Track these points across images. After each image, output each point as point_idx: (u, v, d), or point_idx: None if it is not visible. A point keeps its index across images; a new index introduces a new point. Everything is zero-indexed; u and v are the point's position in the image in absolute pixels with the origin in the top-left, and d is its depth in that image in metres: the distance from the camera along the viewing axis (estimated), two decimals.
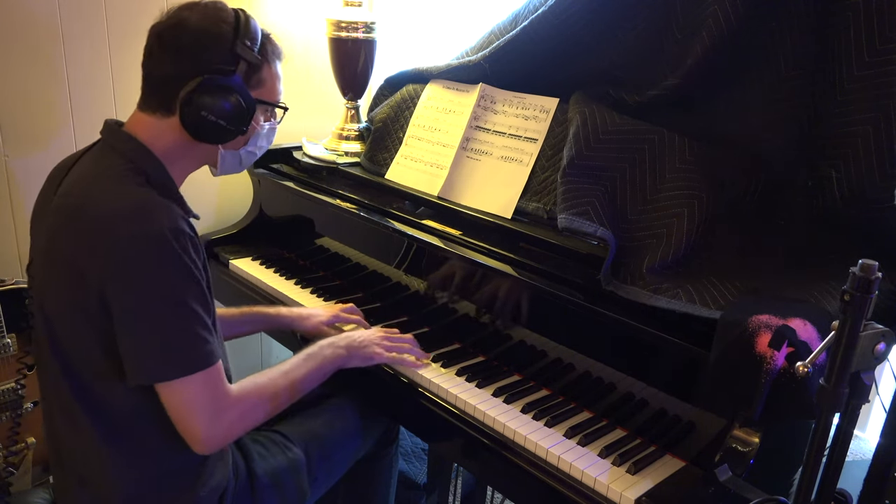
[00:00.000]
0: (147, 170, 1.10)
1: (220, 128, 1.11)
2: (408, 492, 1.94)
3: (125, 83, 1.96)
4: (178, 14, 1.10)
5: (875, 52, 1.18)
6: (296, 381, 1.24)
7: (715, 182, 1.31)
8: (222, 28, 1.10)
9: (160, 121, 1.12)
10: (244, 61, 1.12)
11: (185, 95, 1.08)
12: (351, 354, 1.34)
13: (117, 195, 1.05)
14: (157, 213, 1.03)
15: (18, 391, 1.49)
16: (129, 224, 1.01)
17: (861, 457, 1.49)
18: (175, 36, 1.09)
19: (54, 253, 1.08)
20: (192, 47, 1.09)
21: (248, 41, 1.11)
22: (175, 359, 1.03)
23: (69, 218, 1.06)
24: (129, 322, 1.02)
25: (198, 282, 1.05)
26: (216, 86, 1.09)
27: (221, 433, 1.11)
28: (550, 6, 1.47)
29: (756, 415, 1.00)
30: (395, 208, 1.65)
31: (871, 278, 0.71)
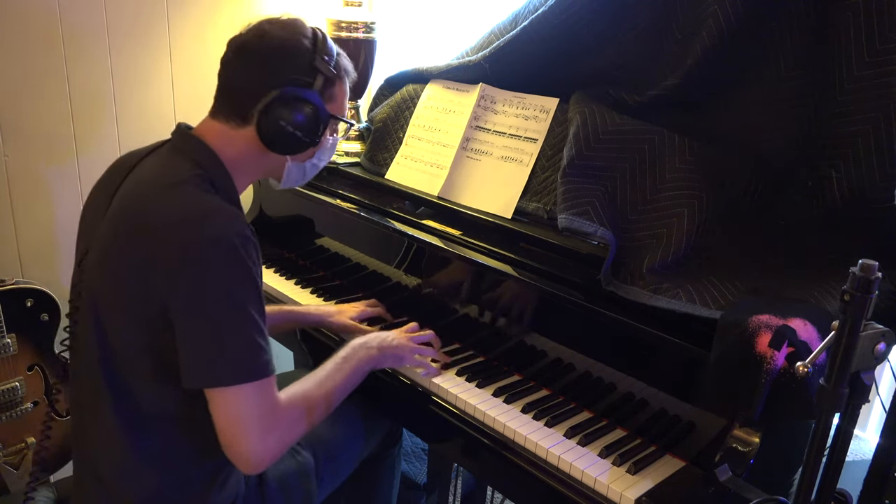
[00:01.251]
0: (213, 177, 1.10)
1: (295, 139, 1.12)
2: (408, 492, 1.94)
3: (125, 83, 1.96)
4: (260, 27, 1.12)
5: (875, 52, 1.18)
6: (337, 386, 1.22)
7: (715, 182, 1.31)
8: (302, 42, 1.11)
9: (233, 130, 1.13)
10: (321, 75, 1.13)
11: (265, 105, 1.09)
12: (384, 355, 1.33)
13: (184, 199, 1.05)
14: (224, 218, 1.04)
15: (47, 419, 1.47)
16: (195, 228, 1.01)
17: (861, 457, 1.49)
18: (257, 47, 1.10)
19: (115, 252, 1.07)
20: (274, 59, 1.10)
21: (325, 56, 1.13)
22: (234, 365, 1.02)
23: (134, 219, 1.06)
24: (191, 325, 1.01)
25: (258, 289, 1.05)
26: (295, 97, 1.10)
27: (273, 447, 1.07)
28: (550, 6, 1.47)
29: (756, 415, 1.00)
30: (395, 208, 1.65)
31: (871, 278, 0.71)
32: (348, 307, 1.57)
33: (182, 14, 2.01)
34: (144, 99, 2.02)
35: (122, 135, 2.00)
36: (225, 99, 1.14)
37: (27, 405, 1.79)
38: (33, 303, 1.76)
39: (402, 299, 1.62)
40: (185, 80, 2.07)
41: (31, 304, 1.76)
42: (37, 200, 1.89)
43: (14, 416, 1.77)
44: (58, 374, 1.82)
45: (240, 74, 1.12)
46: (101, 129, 1.96)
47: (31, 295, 1.76)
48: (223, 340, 1.02)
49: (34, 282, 1.82)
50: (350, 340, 1.34)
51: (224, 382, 1.02)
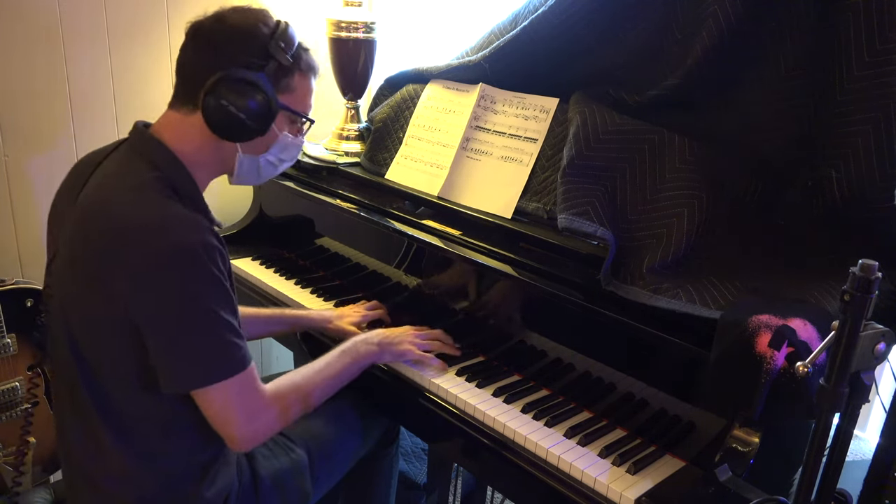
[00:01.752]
0: (174, 180, 1.09)
1: (239, 122, 1.08)
2: (408, 492, 1.94)
3: (125, 83, 1.96)
4: (219, 12, 1.11)
5: (875, 52, 1.18)
6: (330, 377, 1.26)
7: (715, 182, 1.31)
8: (259, 28, 1.09)
9: (186, 117, 1.11)
10: (274, 61, 1.10)
11: (210, 86, 1.06)
12: (383, 350, 1.35)
13: (145, 207, 1.04)
14: (185, 227, 1.03)
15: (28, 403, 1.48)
16: (156, 237, 1.01)
17: (861, 457, 1.49)
18: (210, 30, 1.09)
19: (78, 259, 1.07)
20: (224, 41, 1.09)
21: (282, 42, 1.10)
22: (209, 366, 1.04)
23: (95, 226, 1.05)
24: (160, 333, 1.03)
25: (226, 290, 1.06)
26: (240, 78, 1.07)
27: (260, 432, 1.13)
28: (550, 6, 1.47)
29: (756, 415, 1.00)
30: (395, 208, 1.65)
31: (871, 278, 0.71)
32: (349, 312, 1.56)
33: (182, 14, 2.01)
34: (144, 99, 2.02)
35: (122, 135, 1.99)
36: (179, 85, 1.12)
37: (26, 405, 1.79)
38: (33, 303, 1.76)
39: (402, 299, 1.62)
40: None
41: (31, 304, 1.76)
42: (37, 200, 1.89)
43: (14, 416, 1.77)
44: None
45: (191, 58, 1.10)
46: (101, 129, 1.96)
47: (31, 295, 1.76)
48: (195, 344, 1.03)
49: (34, 282, 1.82)
50: None
51: (202, 384, 1.05)
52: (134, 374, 1.07)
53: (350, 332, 1.49)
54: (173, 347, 1.03)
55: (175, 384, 1.05)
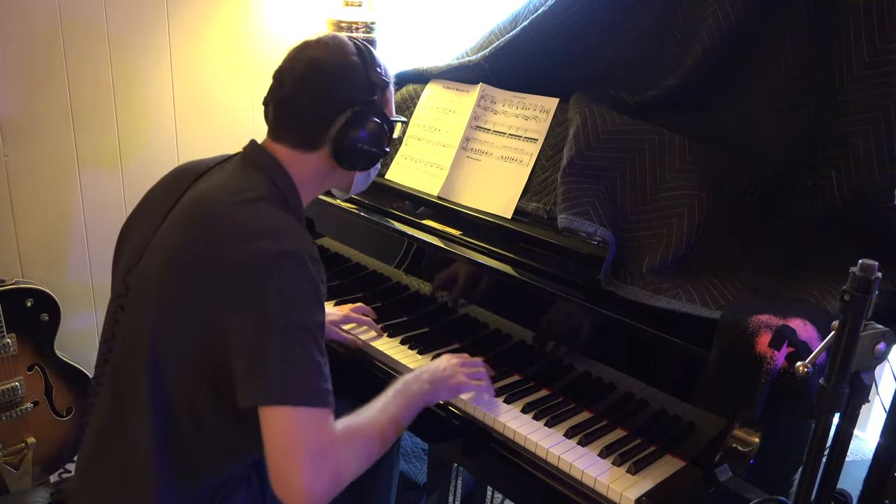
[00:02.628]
0: (286, 195, 1.13)
1: (371, 155, 1.17)
2: (408, 492, 1.94)
3: (125, 83, 1.96)
4: (305, 55, 1.14)
5: (875, 52, 1.18)
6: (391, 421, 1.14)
7: (715, 182, 1.31)
8: (353, 60, 1.14)
9: (302, 155, 1.15)
10: (377, 87, 1.16)
11: (337, 132, 1.13)
12: (436, 388, 1.24)
13: (262, 214, 1.06)
14: (299, 236, 1.05)
15: None
16: (271, 241, 1.01)
17: (861, 457, 1.49)
18: (315, 77, 1.13)
19: (182, 258, 1.05)
20: (335, 86, 1.13)
21: (377, 68, 1.16)
22: (295, 383, 0.97)
23: (209, 226, 1.05)
24: (255, 337, 0.97)
25: (324, 313, 1.04)
26: (363, 116, 1.14)
27: (326, 484, 0.97)
28: (550, 6, 1.47)
29: (756, 415, 1.01)
30: (395, 208, 1.65)
31: (871, 278, 0.71)
32: (334, 311, 1.55)
33: (182, 14, 2.01)
34: (144, 99, 2.02)
35: (122, 135, 2.00)
36: (290, 129, 1.15)
37: (27, 405, 1.79)
38: (33, 303, 1.77)
39: (402, 299, 1.62)
40: (185, 80, 2.07)
41: (31, 304, 1.76)
42: (37, 200, 1.89)
43: (14, 416, 1.77)
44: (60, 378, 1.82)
45: (304, 106, 1.14)
46: (101, 129, 1.96)
47: (31, 295, 1.77)
48: (288, 355, 0.97)
49: (34, 282, 1.82)
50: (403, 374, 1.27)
51: (283, 400, 0.95)
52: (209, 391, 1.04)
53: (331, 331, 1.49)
54: (263, 353, 0.97)
55: (254, 394, 0.97)
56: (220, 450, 1.12)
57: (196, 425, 1.07)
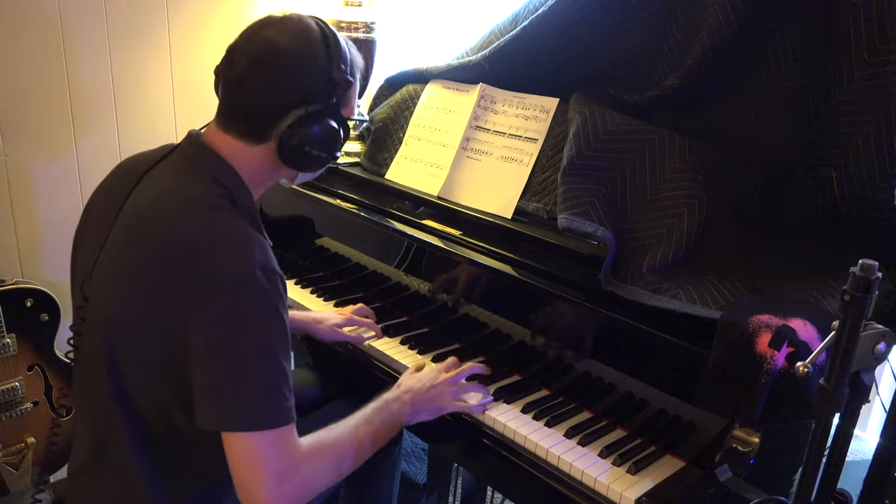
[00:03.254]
0: (235, 195, 1.04)
1: (318, 158, 1.08)
2: (408, 492, 1.94)
3: (125, 83, 1.96)
4: (264, 34, 1.03)
5: (875, 52, 1.18)
6: (365, 439, 1.12)
7: (715, 182, 1.31)
8: (317, 52, 1.03)
9: (248, 146, 1.06)
10: (338, 87, 1.06)
11: (286, 129, 1.03)
12: (416, 410, 1.22)
13: (212, 225, 0.99)
14: (254, 249, 0.97)
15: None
16: (225, 259, 0.95)
17: (861, 457, 1.49)
18: (270, 62, 1.02)
19: (129, 273, 1.01)
20: (291, 76, 1.03)
21: (342, 65, 1.06)
22: (252, 410, 0.95)
23: (153, 240, 1.00)
24: (210, 361, 0.95)
25: (286, 332, 0.99)
26: (317, 118, 1.04)
27: (290, 496, 0.98)
28: (550, 6, 1.47)
29: (756, 415, 1.00)
30: (395, 208, 1.65)
31: (871, 278, 0.71)
32: (334, 314, 1.54)
33: (182, 14, 2.01)
34: (144, 99, 2.02)
35: (122, 135, 2.00)
36: (238, 116, 1.06)
37: (27, 405, 1.79)
38: (33, 303, 1.77)
39: (402, 299, 1.62)
40: (185, 80, 2.07)
41: (31, 304, 1.76)
42: (37, 200, 1.89)
43: (14, 416, 1.77)
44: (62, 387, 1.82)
45: (255, 93, 1.03)
46: (101, 129, 1.96)
47: (31, 295, 1.76)
48: (242, 382, 0.95)
49: (34, 282, 1.82)
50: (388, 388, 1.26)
51: (240, 427, 0.95)
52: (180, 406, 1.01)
53: (334, 333, 1.49)
54: (218, 379, 0.95)
55: (211, 420, 0.96)
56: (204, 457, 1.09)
57: (173, 433, 1.05)
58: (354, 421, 1.14)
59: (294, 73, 1.03)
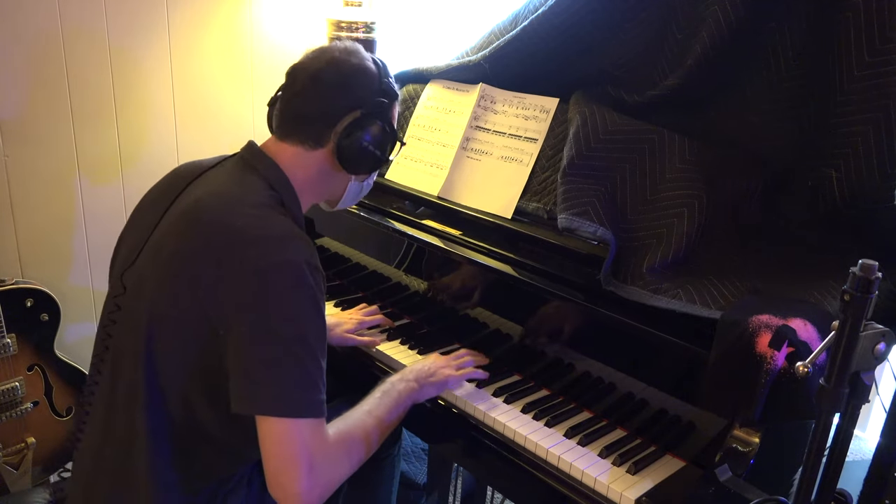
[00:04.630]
0: (284, 200, 1.12)
1: (373, 157, 1.17)
2: (408, 492, 1.94)
3: (125, 83, 1.96)
4: (325, 55, 1.14)
5: (875, 51, 1.18)
6: (378, 423, 1.16)
7: (715, 182, 1.31)
8: (368, 65, 1.15)
9: (305, 152, 1.14)
10: (388, 95, 1.17)
11: (345, 128, 1.13)
12: (422, 385, 1.27)
13: (263, 221, 1.05)
14: (301, 245, 1.03)
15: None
16: (271, 250, 1.00)
17: (861, 457, 1.49)
18: (334, 74, 1.13)
19: (175, 264, 1.05)
20: (351, 83, 1.14)
21: (389, 78, 1.18)
22: (290, 394, 0.98)
23: (202, 232, 1.04)
24: (253, 347, 0.98)
25: (325, 328, 1.04)
26: (373, 116, 1.15)
27: (321, 486, 1.01)
28: (550, 6, 1.47)
29: (756, 415, 1.00)
30: (395, 208, 1.65)
31: (871, 278, 0.71)
32: (346, 320, 1.55)
33: (181, 15, 2.01)
34: (144, 100, 2.02)
35: (122, 135, 2.00)
36: (298, 125, 1.15)
37: (27, 405, 1.79)
38: (33, 303, 1.77)
39: (402, 299, 1.62)
40: (185, 80, 2.07)
41: (31, 304, 1.76)
42: (37, 200, 1.89)
43: (14, 416, 1.77)
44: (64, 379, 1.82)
45: (316, 101, 1.14)
46: (102, 129, 1.96)
47: (31, 295, 1.77)
48: (285, 367, 0.98)
49: (34, 282, 1.82)
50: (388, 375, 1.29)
51: (278, 412, 0.98)
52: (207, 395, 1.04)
53: (347, 340, 1.49)
54: (260, 364, 0.98)
55: (249, 404, 0.99)
56: (220, 453, 1.12)
57: (195, 428, 1.07)
58: (367, 406, 1.18)
59: (351, 81, 1.14)
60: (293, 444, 0.98)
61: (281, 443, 0.99)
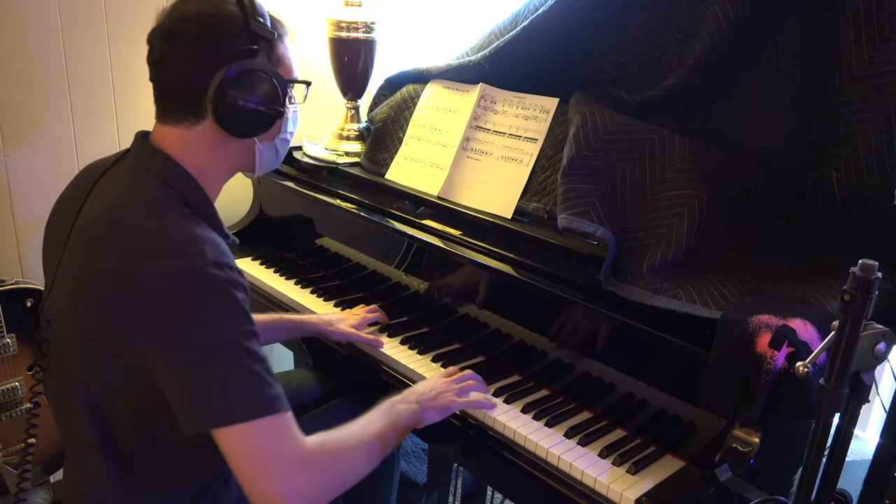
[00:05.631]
0: (185, 194, 1.01)
1: (260, 115, 1.02)
2: (408, 492, 1.94)
3: (125, 83, 1.96)
4: (175, 10, 1.01)
5: (875, 51, 1.18)
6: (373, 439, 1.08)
7: (715, 182, 1.31)
8: (229, 9, 1.00)
9: (189, 130, 1.03)
10: (262, 39, 1.02)
11: (216, 90, 0.99)
12: (424, 409, 1.19)
13: (158, 228, 0.95)
14: (200, 247, 0.93)
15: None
16: (171, 261, 0.91)
17: (861, 457, 1.49)
18: (183, 31, 0.99)
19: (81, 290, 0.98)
20: (207, 38, 0.99)
21: (259, 17, 1.02)
22: (233, 401, 0.91)
23: (102, 249, 0.96)
24: (179, 365, 0.91)
25: (250, 322, 0.95)
26: (245, 70, 1.00)
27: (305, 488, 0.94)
28: (550, 6, 1.47)
29: (756, 415, 1.00)
30: (395, 208, 1.65)
31: (871, 278, 0.71)
32: (348, 315, 1.56)
33: None
34: (144, 99, 2.01)
35: (122, 134, 2.00)
36: (170, 99, 1.03)
37: (27, 405, 1.79)
38: (33, 303, 1.76)
39: (402, 299, 1.62)
40: None
41: (31, 304, 1.76)
42: (37, 200, 1.89)
43: (14, 416, 1.77)
44: None
45: (176, 67, 1.00)
46: (101, 129, 1.96)
47: (31, 295, 1.76)
48: (214, 376, 0.91)
49: (34, 282, 1.82)
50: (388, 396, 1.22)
51: (225, 421, 0.90)
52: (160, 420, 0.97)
53: (351, 335, 1.49)
54: (193, 380, 0.91)
55: (194, 423, 0.91)
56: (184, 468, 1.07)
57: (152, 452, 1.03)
58: (363, 421, 1.11)
59: (209, 35, 0.99)
60: (257, 448, 0.91)
61: (244, 451, 0.91)
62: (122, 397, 0.99)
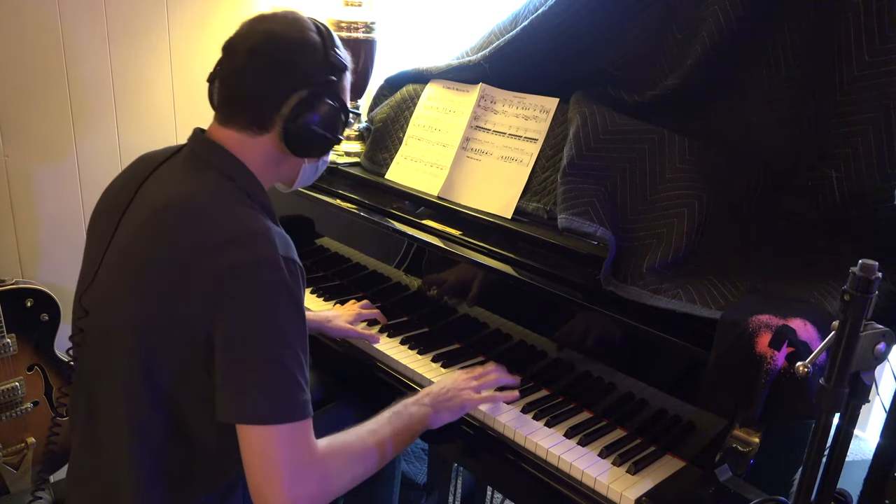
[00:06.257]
0: (247, 188, 1.05)
1: (324, 140, 1.09)
2: (408, 492, 1.94)
3: (125, 83, 1.97)
4: (260, 25, 1.06)
5: (875, 51, 1.18)
6: (384, 442, 1.10)
7: (715, 182, 1.31)
8: (311, 36, 1.05)
9: (250, 138, 1.06)
10: (336, 69, 1.08)
11: (290, 111, 1.04)
12: (437, 409, 1.19)
13: (230, 218, 0.99)
14: (273, 239, 0.97)
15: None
16: (246, 250, 0.95)
17: (861, 457, 1.49)
18: (268, 50, 1.04)
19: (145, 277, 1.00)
20: (289, 60, 1.04)
21: (336, 49, 1.08)
22: (269, 402, 0.94)
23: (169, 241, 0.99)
24: (231, 355, 0.94)
25: (304, 324, 0.99)
26: (322, 98, 1.06)
27: (304, 496, 0.96)
28: (550, 6, 1.47)
29: (756, 415, 1.00)
30: (395, 208, 1.65)
31: (871, 278, 0.71)
32: (344, 311, 1.56)
33: (182, 14, 2.01)
34: (144, 99, 2.02)
35: (122, 135, 2.00)
36: (238, 107, 1.07)
37: (27, 405, 1.79)
38: (33, 303, 1.77)
39: (402, 299, 1.62)
40: (185, 80, 2.07)
41: (31, 304, 1.76)
42: (37, 200, 1.89)
43: (14, 415, 1.77)
44: (62, 380, 1.82)
45: (255, 81, 1.05)
46: (101, 129, 1.96)
47: (31, 295, 1.76)
48: (262, 374, 0.94)
49: (34, 282, 1.82)
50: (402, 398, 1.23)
51: (257, 420, 0.94)
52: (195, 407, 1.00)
53: (348, 331, 1.50)
54: (238, 372, 0.94)
55: (229, 413, 0.95)
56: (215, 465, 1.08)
57: (183, 441, 1.04)
58: (373, 424, 1.12)
59: (292, 57, 1.05)
60: (274, 454, 0.94)
61: (261, 453, 0.94)
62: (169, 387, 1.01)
